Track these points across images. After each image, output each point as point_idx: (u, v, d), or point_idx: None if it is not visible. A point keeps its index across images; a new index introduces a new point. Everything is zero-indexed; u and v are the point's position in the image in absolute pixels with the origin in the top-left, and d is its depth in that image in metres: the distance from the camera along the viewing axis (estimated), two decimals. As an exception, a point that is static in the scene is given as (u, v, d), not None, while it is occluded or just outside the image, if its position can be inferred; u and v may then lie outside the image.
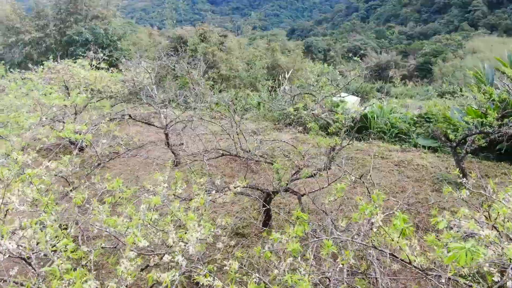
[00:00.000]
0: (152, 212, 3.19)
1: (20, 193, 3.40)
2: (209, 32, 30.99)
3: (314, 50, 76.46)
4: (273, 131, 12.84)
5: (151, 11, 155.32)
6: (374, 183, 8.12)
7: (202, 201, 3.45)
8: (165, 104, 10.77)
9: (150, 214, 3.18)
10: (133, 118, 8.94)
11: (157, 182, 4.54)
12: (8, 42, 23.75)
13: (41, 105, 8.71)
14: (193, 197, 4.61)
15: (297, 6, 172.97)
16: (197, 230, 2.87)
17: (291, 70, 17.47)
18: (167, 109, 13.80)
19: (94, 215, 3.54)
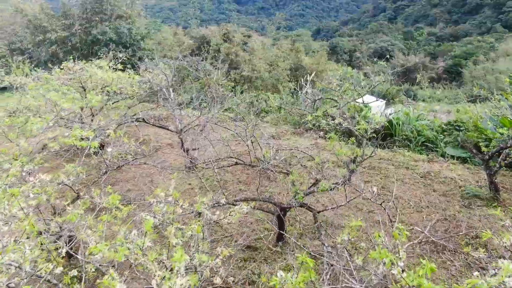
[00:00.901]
0: (144, 239, 2.87)
1: (5, 210, 3.15)
2: (232, 32, 30.84)
3: (340, 51, 75.33)
4: (292, 135, 12.44)
5: (178, 10, 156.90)
6: (398, 196, 7.64)
7: (199, 230, 3.11)
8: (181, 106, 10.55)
9: (140, 241, 2.87)
10: (146, 122, 8.71)
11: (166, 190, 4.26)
12: (35, 40, 24.18)
13: (57, 107, 8.64)
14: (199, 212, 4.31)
15: (323, 6, 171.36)
16: (183, 274, 2.50)
17: (313, 73, 17.00)
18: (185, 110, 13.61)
19: (87, 235, 3.27)
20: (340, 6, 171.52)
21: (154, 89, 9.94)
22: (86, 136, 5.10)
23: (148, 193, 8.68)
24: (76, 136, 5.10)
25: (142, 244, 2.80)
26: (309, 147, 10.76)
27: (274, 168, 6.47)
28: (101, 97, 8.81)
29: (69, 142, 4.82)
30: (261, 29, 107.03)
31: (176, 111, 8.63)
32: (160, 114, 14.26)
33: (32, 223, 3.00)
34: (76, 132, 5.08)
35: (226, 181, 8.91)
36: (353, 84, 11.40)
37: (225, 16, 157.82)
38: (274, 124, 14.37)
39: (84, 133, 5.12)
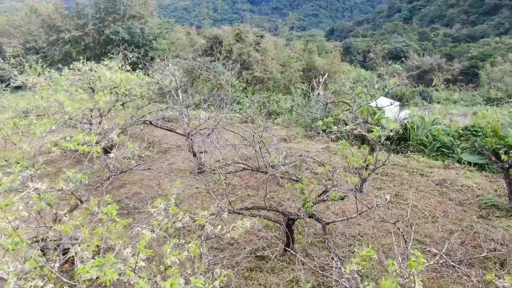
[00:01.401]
0: (137, 259, 2.69)
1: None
2: (245, 33, 30.65)
3: (353, 52, 74.67)
4: (303, 138, 12.19)
5: (192, 10, 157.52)
6: (412, 204, 7.35)
7: (195, 250, 2.92)
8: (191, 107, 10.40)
9: (133, 261, 2.69)
10: (154, 124, 8.57)
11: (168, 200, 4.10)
12: (49, 40, 24.36)
13: (64, 108, 8.54)
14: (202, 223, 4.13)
15: (337, 6, 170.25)
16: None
17: (326, 74, 16.70)
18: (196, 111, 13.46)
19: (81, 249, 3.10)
20: (355, 6, 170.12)
21: (164, 90, 9.80)
22: (89, 140, 4.96)
23: (155, 197, 8.55)
24: (79, 141, 4.96)
25: (134, 264, 2.62)
26: (320, 151, 10.51)
27: (283, 174, 6.24)
28: (109, 98, 8.69)
29: (70, 147, 4.67)
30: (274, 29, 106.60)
31: (184, 113, 8.46)
32: (171, 115, 14.14)
33: (19, 235, 2.83)
34: (79, 137, 4.93)
35: (234, 186, 8.72)
36: (367, 87, 11.13)
37: (238, 16, 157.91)
38: (285, 126, 14.14)
39: (87, 137, 4.98)
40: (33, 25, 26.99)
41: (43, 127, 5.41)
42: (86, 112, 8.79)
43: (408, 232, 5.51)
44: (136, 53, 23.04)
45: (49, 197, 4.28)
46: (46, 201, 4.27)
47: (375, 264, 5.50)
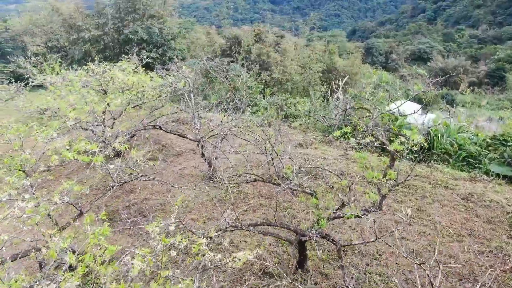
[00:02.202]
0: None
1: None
2: (264, 33, 30.26)
3: (375, 53, 73.36)
4: (321, 144, 11.75)
5: (213, 10, 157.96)
6: (435, 221, 6.86)
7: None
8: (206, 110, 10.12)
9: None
10: (163, 129, 8.30)
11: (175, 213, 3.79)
12: (70, 39, 24.54)
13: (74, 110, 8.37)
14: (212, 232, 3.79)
15: (359, 6, 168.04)
16: None
17: (346, 77, 16.18)
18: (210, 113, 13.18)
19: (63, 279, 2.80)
20: (378, 6, 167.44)
21: (177, 93, 9.54)
22: (90, 149, 4.69)
23: (164, 203, 8.29)
24: (79, 149, 4.70)
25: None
26: (338, 159, 10.06)
27: (297, 188, 5.85)
28: (120, 101, 8.47)
29: (69, 157, 4.41)
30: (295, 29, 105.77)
31: (196, 118, 8.16)
32: (186, 117, 13.88)
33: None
34: (80, 145, 4.67)
35: (246, 194, 8.37)
36: (388, 92, 10.62)
37: (259, 15, 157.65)
38: (303, 130, 13.71)
39: (88, 146, 4.71)
40: (55, 24, 27.27)
41: (45, 133, 5.18)
42: (99, 114, 8.61)
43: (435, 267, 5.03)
44: (154, 53, 22.99)
45: (43, 210, 4.02)
46: (40, 214, 4.02)
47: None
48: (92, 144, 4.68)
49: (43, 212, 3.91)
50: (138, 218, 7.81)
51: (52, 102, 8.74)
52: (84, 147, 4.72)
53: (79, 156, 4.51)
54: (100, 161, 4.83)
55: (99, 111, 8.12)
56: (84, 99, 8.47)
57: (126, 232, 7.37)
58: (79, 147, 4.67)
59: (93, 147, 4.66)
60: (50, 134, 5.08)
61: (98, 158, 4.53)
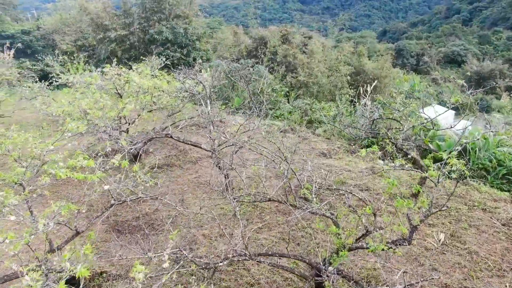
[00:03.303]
0: None
1: None
2: (292, 34, 29.63)
3: (406, 55, 71.23)
4: (346, 154, 11.07)
5: (242, 9, 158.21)
6: (471, 250, 6.11)
7: None
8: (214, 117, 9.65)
9: None
10: (175, 138, 7.87)
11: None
12: (97, 38, 24.68)
13: (86, 115, 8.06)
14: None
15: (391, 7, 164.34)
16: None
17: (374, 82, 15.37)
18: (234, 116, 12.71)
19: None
20: (410, 6, 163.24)
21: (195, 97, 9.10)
22: (88, 165, 4.27)
23: (176, 215, 7.86)
24: (75, 164, 4.29)
25: None
26: (363, 172, 9.37)
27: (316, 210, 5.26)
28: (134, 105, 8.11)
29: (60, 175, 3.99)
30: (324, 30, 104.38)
31: (212, 126, 7.68)
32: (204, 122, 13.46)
33: None
34: (76, 161, 4.26)
35: (263, 209, 7.83)
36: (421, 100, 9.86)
37: (288, 15, 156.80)
38: (327, 138, 13.04)
39: (84, 161, 4.29)
40: (83, 23, 27.54)
41: (43, 146, 4.81)
42: (111, 119, 8.27)
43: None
44: (178, 53, 22.79)
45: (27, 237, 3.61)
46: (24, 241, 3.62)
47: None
48: (89, 160, 4.25)
49: (26, 239, 3.49)
50: (148, 230, 7.42)
51: (66, 106, 8.50)
52: (81, 162, 4.30)
53: (71, 174, 4.10)
54: (99, 177, 4.41)
55: (111, 116, 7.76)
56: (97, 103, 8.17)
57: (133, 246, 6.98)
58: (74, 163, 4.26)
59: (90, 164, 4.24)
60: (49, 145, 4.70)
61: (93, 176, 4.10)
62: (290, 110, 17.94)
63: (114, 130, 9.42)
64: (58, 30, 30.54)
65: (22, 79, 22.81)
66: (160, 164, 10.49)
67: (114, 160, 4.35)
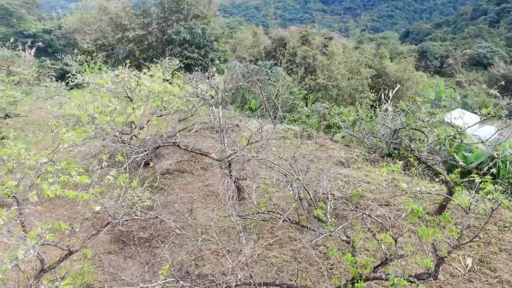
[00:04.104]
0: None
1: None
2: (312, 34, 29.05)
3: (429, 56, 69.36)
4: (364, 163, 10.52)
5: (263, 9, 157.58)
6: (503, 279, 5.54)
7: None
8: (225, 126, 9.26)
9: None
10: (182, 147, 7.50)
11: None
12: (116, 38, 24.68)
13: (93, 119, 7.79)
14: None
15: (415, 7, 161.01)
16: None
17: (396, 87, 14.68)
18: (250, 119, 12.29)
19: None
20: (434, 7, 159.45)
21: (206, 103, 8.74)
22: (79, 181, 3.93)
23: (184, 227, 7.50)
24: (66, 180, 3.95)
25: None
26: (383, 184, 8.82)
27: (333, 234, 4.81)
28: (143, 111, 7.80)
29: (48, 194, 3.66)
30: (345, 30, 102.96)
31: (222, 134, 7.29)
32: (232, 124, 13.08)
33: None
34: (67, 177, 3.93)
35: (274, 223, 7.38)
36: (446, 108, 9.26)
37: (309, 15, 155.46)
38: (346, 144, 12.49)
39: (77, 177, 3.96)
40: (103, 23, 27.63)
41: (36, 157, 4.50)
42: (118, 124, 7.98)
43: None
44: (196, 54, 22.53)
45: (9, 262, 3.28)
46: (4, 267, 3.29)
47: None
48: (82, 176, 3.91)
49: (5, 266, 3.16)
50: (153, 242, 7.09)
51: (75, 109, 8.26)
52: (74, 178, 3.96)
53: (63, 192, 3.76)
54: (93, 194, 4.07)
55: (120, 121, 7.46)
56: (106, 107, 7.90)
57: (138, 259, 6.65)
58: (66, 179, 3.92)
59: (83, 180, 3.90)
60: (42, 159, 4.38)
61: (85, 195, 3.75)
62: (308, 114, 17.43)
63: (125, 135, 9.16)
64: (78, 29, 30.77)
65: (42, 77, 23.01)
66: (171, 170, 10.17)
67: (109, 177, 3.98)
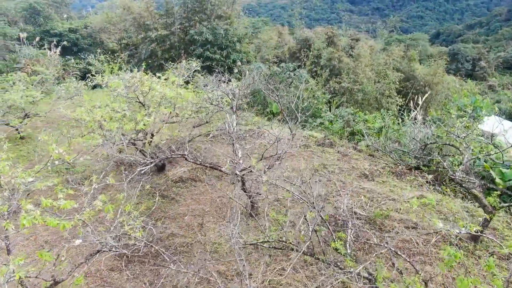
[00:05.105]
0: None
1: None
2: (338, 36, 28.22)
3: (461, 59, 66.96)
4: (390, 176, 9.78)
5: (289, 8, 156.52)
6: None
7: None
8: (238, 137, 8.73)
9: None
10: (190, 160, 7.00)
11: None
12: (138, 38, 24.60)
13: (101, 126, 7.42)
14: None
15: (445, 8, 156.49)
16: None
17: (426, 94, 13.84)
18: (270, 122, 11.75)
19: None
20: (467, 8, 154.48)
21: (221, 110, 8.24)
22: (63, 207, 3.49)
23: (192, 243, 7.03)
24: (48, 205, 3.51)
25: None
26: (410, 201, 8.09)
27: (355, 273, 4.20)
28: (153, 118, 7.37)
29: (23, 224, 3.21)
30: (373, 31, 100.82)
31: (236, 146, 6.77)
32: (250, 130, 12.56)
33: None
34: (49, 201, 3.49)
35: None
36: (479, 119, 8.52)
37: (336, 16, 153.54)
38: (370, 154, 11.75)
39: (62, 201, 3.51)
40: (127, 22, 27.64)
41: (27, 174, 4.09)
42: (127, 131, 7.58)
43: None
44: (218, 54, 22.13)
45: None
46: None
47: None
48: (67, 202, 3.46)
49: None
50: (158, 259, 6.65)
51: (85, 114, 7.92)
52: (59, 201, 3.52)
53: (42, 220, 3.32)
54: (80, 220, 3.62)
55: (129, 129, 7.06)
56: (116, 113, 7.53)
57: (141, 279, 6.22)
58: (49, 203, 3.48)
59: (67, 206, 3.45)
60: (29, 176, 3.97)
61: (67, 225, 3.30)
62: (331, 119, 16.73)
63: (138, 141, 8.77)
64: (104, 28, 30.97)
65: (66, 76, 23.16)
66: (185, 178, 9.74)
67: (97, 202, 3.52)
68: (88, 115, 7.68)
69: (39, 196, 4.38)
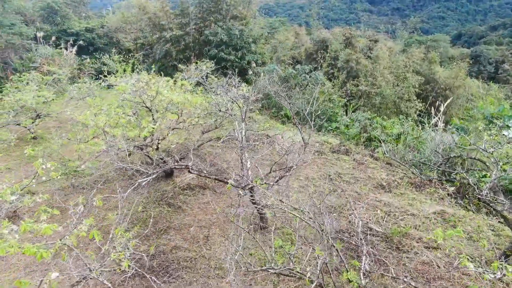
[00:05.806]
0: None
1: None
2: (356, 37, 27.54)
3: (483, 61, 65.11)
4: (408, 188, 9.25)
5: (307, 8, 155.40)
6: None
7: None
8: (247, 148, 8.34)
9: None
10: (193, 173, 6.62)
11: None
12: (153, 38, 24.45)
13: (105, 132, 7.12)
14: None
15: (468, 9, 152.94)
16: None
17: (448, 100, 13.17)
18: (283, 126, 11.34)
19: None
20: (490, 8, 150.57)
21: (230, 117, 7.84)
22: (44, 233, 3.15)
23: (196, 258, 6.66)
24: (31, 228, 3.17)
25: None
26: (431, 218, 7.55)
27: None
28: (159, 124, 7.03)
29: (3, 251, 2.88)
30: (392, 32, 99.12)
31: (244, 156, 6.37)
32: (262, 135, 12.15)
33: None
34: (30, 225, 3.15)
35: (299, 259, 6.38)
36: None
37: (355, 16, 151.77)
38: (387, 162, 11.21)
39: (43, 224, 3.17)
40: (143, 22, 27.55)
41: (9, 191, 3.77)
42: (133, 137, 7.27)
43: None
44: (233, 56, 21.78)
45: None
46: None
47: None
48: (47, 226, 3.12)
49: None
50: (160, 274, 6.30)
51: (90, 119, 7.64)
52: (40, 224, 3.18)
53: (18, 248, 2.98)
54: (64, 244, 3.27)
55: (131, 136, 6.74)
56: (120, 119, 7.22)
57: (141, 297, 5.87)
58: (29, 227, 3.14)
59: (48, 232, 3.10)
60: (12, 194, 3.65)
61: (45, 254, 2.95)
62: (347, 123, 16.20)
63: (146, 146, 8.47)
64: (120, 28, 30.96)
65: (82, 76, 23.15)
66: (193, 185, 9.39)
67: (83, 228, 3.17)
68: (92, 120, 7.40)
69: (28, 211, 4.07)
